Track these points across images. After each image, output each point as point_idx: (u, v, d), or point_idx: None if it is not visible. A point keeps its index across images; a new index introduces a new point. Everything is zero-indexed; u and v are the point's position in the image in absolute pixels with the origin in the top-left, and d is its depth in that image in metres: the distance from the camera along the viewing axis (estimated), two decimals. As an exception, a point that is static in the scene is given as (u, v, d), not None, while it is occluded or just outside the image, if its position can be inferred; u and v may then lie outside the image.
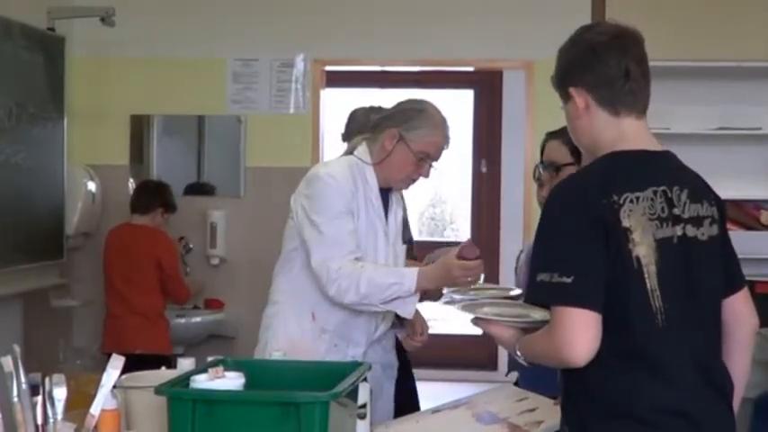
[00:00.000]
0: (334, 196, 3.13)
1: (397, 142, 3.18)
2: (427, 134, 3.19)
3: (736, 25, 5.69)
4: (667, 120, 5.21)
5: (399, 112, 3.25)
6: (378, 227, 3.23)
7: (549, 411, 2.65)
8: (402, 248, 3.36)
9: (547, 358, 2.13)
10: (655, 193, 2.11)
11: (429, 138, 3.19)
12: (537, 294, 2.11)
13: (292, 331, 3.21)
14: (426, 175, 3.25)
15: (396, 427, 2.77)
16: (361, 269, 3.05)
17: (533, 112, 5.85)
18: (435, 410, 2.84)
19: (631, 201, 2.07)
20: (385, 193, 3.28)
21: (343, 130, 4.18)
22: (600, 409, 2.08)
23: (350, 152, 3.30)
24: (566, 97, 2.25)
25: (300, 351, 3.07)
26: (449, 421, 2.75)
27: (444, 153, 3.27)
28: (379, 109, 3.86)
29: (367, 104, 4.03)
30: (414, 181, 3.27)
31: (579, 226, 2.05)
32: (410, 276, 3.06)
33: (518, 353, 2.25)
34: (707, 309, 2.18)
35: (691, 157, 2.27)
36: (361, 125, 3.85)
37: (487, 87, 8.04)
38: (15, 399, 2.07)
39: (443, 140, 3.23)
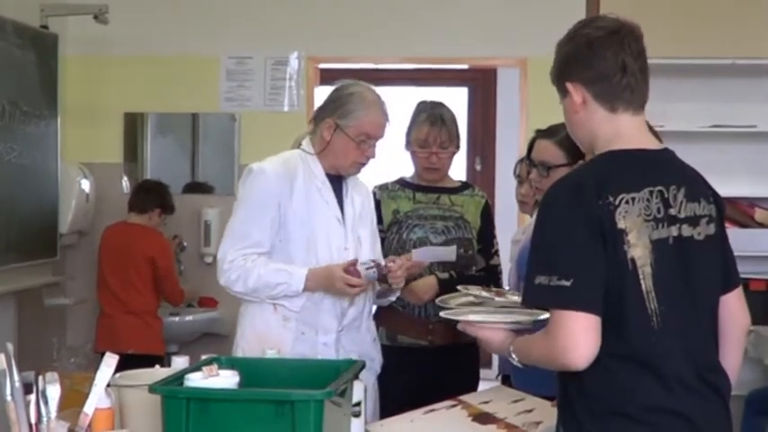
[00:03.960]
0: (257, 189, 3.19)
1: (335, 131, 3.19)
2: (362, 116, 3.18)
3: (731, 23, 5.69)
4: (661, 117, 5.21)
5: (331, 101, 3.25)
6: (328, 214, 3.23)
7: (546, 412, 2.64)
8: (368, 233, 3.33)
9: (546, 362, 2.11)
10: (651, 193, 2.10)
11: (364, 118, 3.18)
12: (535, 297, 2.09)
13: (259, 326, 3.23)
14: (373, 156, 3.25)
15: (390, 426, 2.76)
16: (253, 265, 3.14)
17: (528, 110, 5.84)
18: (430, 410, 2.83)
19: (627, 202, 2.06)
20: (338, 180, 3.28)
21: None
22: (595, 408, 2.07)
23: (297, 146, 3.32)
24: (563, 92, 2.24)
25: (268, 343, 3.09)
26: (444, 421, 2.74)
27: (388, 129, 3.26)
28: (439, 105, 3.83)
29: (433, 100, 3.90)
30: (362, 164, 3.26)
31: (576, 228, 2.03)
32: (298, 278, 3.14)
33: (513, 355, 2.24)
34: (703, 309, 2.17)
35: (685, 155, 2.26)
36: (409, 123, 3.82)
37: (482, 85, 8.03)
38: (9, 397, 2.07)
39: (380, 118, 3.21)
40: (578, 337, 2.00)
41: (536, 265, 2.09)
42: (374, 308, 3.51)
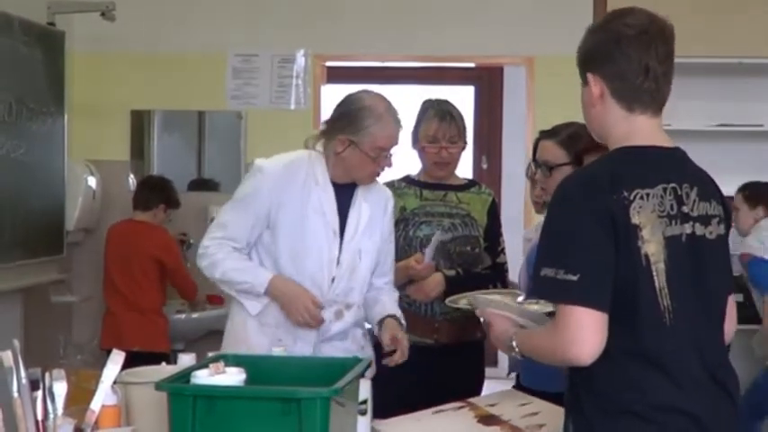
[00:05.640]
0: (249, 186, 3.21)
1: (348, 147, 3.13)
2: (376, 131, 3.10)
3: (738, 22, 5.68)
4: (669, 116, 5.12)
5: (343, 116, 3.16)
6: (322, 224, 3.17)
7: (551, 415, 2.64)
8: (372, 246, 3.27)
9: (549, 355, 2.11)
10: (665, 190, 2.09)
11: (378, 133, 3.11)
12: (540, 289, 2.09)
13: (238, 327, 3.25)
14: (389, 165, 3.20)
15: (397, 424, 2.76)
16: (223, 257, 3.17)
17: (534, 108, 5.84)
18: (438, 410, 2.83)
19: (641, 197, 2.05)
20: (348, 187, 3.23)
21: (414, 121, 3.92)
22: (605, 405, 2.06)
23: (311, 147, 3.27)
24: (584, 80, 2.22)
25: (244, 346, 3.12)
26: (450, 421, 2.74)
27: (402, 136, 3.20)
28: (446, 102, 3.81)
29: (438, 98, 3.87)
30: (378, 174, 3.22)
31: (587, 222, 2.02)
32: (261, 281, 3.15)
33: (514, 344, 2.23)
34: (713, 308, 2.16)
35: (691, 154, 2.26)
36: (416, 120, 3.81)
37: (488, 83, 8.03)
38: (15, 394, 2.07)
39: (394, 129, 3.14)
40: (584, 333, 1.98)
41: (543, 256, 2.08)
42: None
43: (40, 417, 2.09)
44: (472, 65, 7.38)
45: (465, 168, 8.11)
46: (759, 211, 5.21)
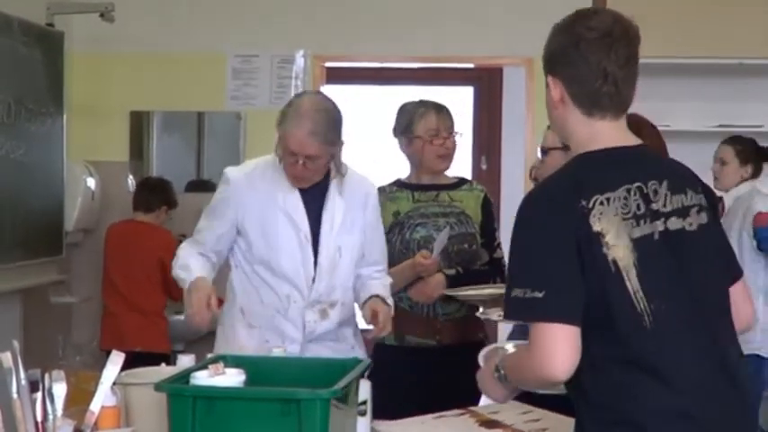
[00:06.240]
0: (217, 195, 3.25)
1: (279, 142, 3.11)
2: (286, 128, 3.05)
3: (738, 22, 5.68)
4: (667, 117, 5.20)
5: None
6: (289, 228, 3.15)
7: (553, 422, 2.65)
8: (354, 241, 3.24)
9: (529, 377, 2.07)
10: (628, 191, 2.03)
11: (287, 130, 3.04)
12: (512, 311, 2.04)
13: (227, 330, 3.28)
14: (296, 174, 3.11)
15: (398, 427, 2.76)
16: (184, 256, 3.21)
17: (534, 109, 5.84)
18: (440, 416, 2.83)
19: (601, 203, 2.00)
20: (322, 187, 3.19)
21: (394, 125, 3.90)
22: (601, 416, 2.02)
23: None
24: (546, 82, 2.18)
25: (233, 348, 3.12)
26: (452, 425, 2.74)
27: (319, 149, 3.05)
28: (424, 102, 3.81)
29: (416, 98, 3.88)
30: (301, 179, 3.14)
31: (548, 237, 1.98)
32: (190, 279, 3.11)
33: (502, 371, 2.18)
34: (706, 300, 2.08)
35: (691, 155, 2.25)
36: (407, 121, 3.80)
37: (487, 84, 8.02)
38: (15, 395, 2.06)
39: (301, 133, 3.01)
40: (555, 349, 1.94)
41: (511, 277, 2.03)
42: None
43: (39, 418, 2.09)
44: (471, 65, 7.37)
45: (464, 169, 8.12)
46: (748, 168, 5.10)
